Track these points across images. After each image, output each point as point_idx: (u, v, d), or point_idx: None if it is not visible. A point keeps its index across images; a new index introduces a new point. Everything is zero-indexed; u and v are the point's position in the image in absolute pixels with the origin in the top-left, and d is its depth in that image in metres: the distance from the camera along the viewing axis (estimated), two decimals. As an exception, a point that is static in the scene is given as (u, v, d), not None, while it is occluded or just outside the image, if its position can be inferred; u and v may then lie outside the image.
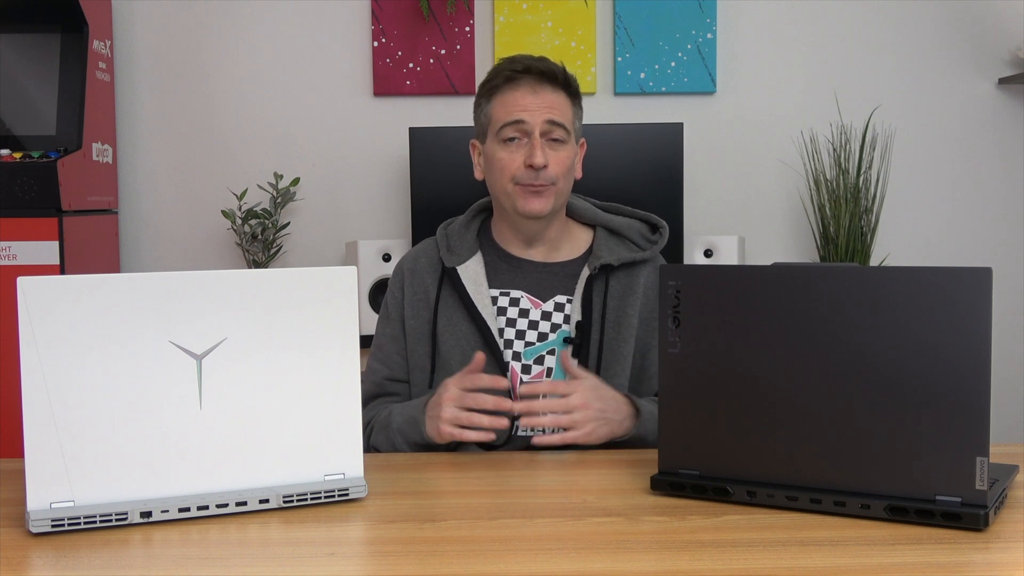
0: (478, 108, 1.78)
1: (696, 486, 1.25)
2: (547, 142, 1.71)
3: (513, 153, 1.71)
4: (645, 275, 1.75)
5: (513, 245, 1.79)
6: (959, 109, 2.96)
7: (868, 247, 2.79)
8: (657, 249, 1.78)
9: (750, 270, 1.26)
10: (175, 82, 2.93)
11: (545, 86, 1.72)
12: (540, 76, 1.72)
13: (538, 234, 1.77)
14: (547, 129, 1.70)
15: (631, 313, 1.72)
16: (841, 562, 1.04)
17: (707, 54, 2.89)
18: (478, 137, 1.80)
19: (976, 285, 1.11)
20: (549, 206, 1.71)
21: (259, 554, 1.10)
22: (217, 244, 2.95)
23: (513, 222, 1.77)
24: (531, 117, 1.70)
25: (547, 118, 1.70)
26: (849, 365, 1.17)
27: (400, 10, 2.87)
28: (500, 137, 1.72)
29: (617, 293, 1.73)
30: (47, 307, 1.14)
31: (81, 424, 1.16)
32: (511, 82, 1.72)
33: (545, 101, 1.71)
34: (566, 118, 1.73)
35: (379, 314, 1.83)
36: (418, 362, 1.75)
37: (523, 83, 1.72)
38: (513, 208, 1.72)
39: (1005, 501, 1.22)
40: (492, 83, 1.75)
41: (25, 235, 2.42)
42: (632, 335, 1.71)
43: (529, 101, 1.71)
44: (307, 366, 1.25)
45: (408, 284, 1.78)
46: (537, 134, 1.69)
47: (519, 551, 1.09)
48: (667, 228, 1.80)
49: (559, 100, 1.73)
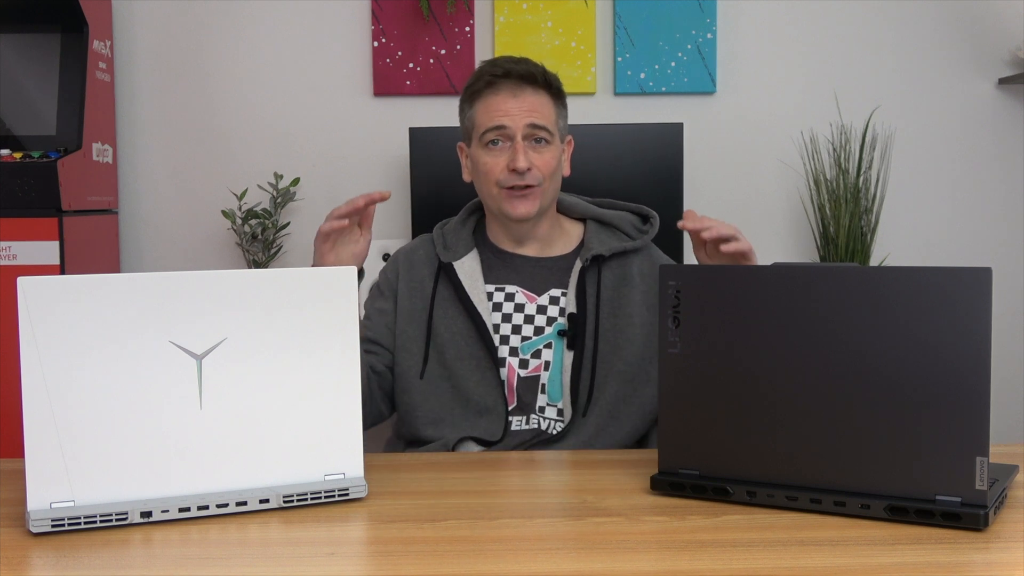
0: (462, 112, 1.80)
1: (696, 486, 1.25)
2: (530, 144, 1.72)
3: (496, 157, 1.73)
4: (639, 264, 1.77)
5: (506, 243, 1.81)
6: (959, 109, 2.96)
7: (868, 247, 2.79)
8: (648, 238, 1.80)
9: (750, 270, 1.27)
10: (175, 82, 2.93)
11: (525, 88, 1.73)
12: (520, 79, 1.73)
13: (528, 233, 1.79)
14: (529, 132, 1.72)
15: (629, 302, 1.73)
16: (841, 562, 1.04)
17: (707, 54, 2.89)
18: (464, 140, 1.81)
19: (976, 285, 1.11)
20: (535, 208, 1.73)
21: (259, 554, 1.11)
22: (217, 244, 2.95)
23: (503, 223, 1.79)
24: (512, 121, 1.71)
25: (528, 121, 1.72)
26: (849, 365, 1.17)
27: (400, 10, 2.87)
28: (483, 141, 1.74)
29: (611, 283, 1.75)
30: (47, 307, 1.14)
31: (81, 424, 1.16)
32: (491, 87, 1.74)
33: (526, 104, 1.72)
34: (548, 120, 1.74)
35: (369, 292, 1.85)
36: (406, 343, 1.75)
37: (503, 87, 1.73)
38: (501, 211, 1.74)
39: (1005, 501, 1.22)
40: (473, 87, 1.77)
41: (25, 235, 2.42)
42: (631, 323, 1.72)
43: (510, 105, 1.72)
44: (307, 366, 1.25)
45: (404, 270, 1.81)
46: (519, 138, 1.71)
47: (519, 551, 1.09)
48: (657, 218, 1.82)
49: (540, 102, 1.74)
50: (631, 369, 1.72)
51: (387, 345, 1.77)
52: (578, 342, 1.71)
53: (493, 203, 1.75)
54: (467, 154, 1.81)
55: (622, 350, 1.71)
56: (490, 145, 1.73)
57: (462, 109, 1.80)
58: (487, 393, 1.70)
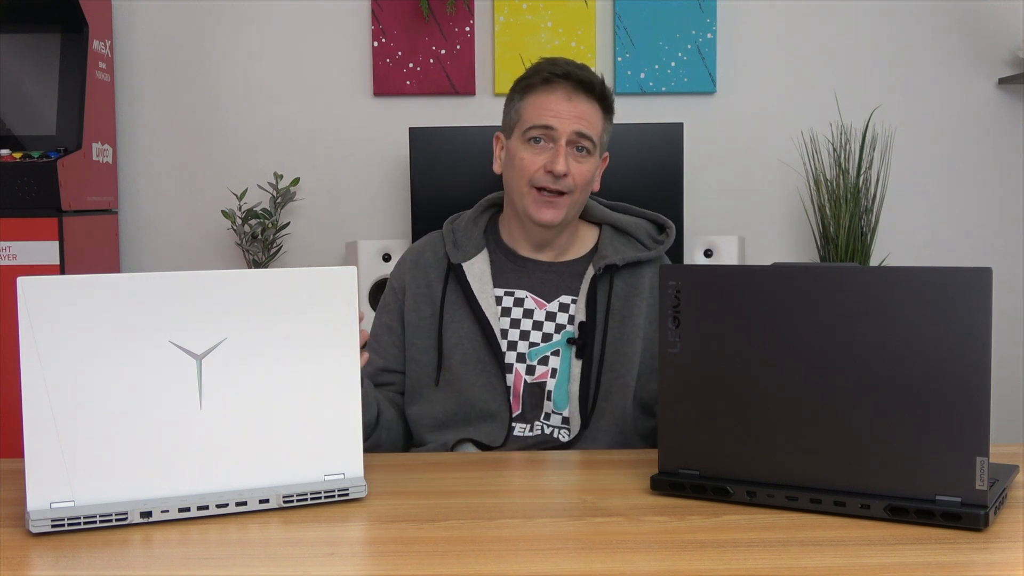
0: (510, 102, 1.76)
1: (696, 486, 1.25)
2: (571, 151, 1.69)
3: (536, 155, 1.70)
4: (651, 275, 1.74)
5: (521, 246, 1.78)
6: (959, 109, 2.96)
7: (868, 247, 2.79)
8: (663, 249, 1.77)
9: (750, 270, 1.27)
10: (175, 82, 2.93)
11: (580, 95, 1.70)
12: (578, 84, 1.70)
13: (548, 240, 1.76)
14: (574, 139, 1.69)
15: (637, 313, 1.71)
16: (841, 562, 1.04)
17: (707, 54, 2.89)
18: (504, 131, 1.78)
19: (976, 285, 1.11)
20: (561, 216, 1.70)
21: (259, 554, 1.10)
22: (217, 244, 2.95)
23: (523, 225, 1.76)
24: (561, 124, 1.68)
25: (576, 128, 1.68)
26: (849, 365, 1.17)
27: (400, 10, 2.87)
28: (526, 137, 1.70)
29: (622, 293, 1.72)
30: (47, 307, 1.14)
31: (81, 424, 1.16)
32: (548, 84, 1.70)
33: (577, 110, 1.69)
34: (595, 131, 1.71)
35: (378, 303, 1.83)
36: (417, 356, 1.74)
37: (559, 88, 1.70)
38: (525, 212, 1.71)
39: (1005, 501, 1.22)
40: (529, 81, 1.73)
41: (25, 235, 2.42)
42: (638, 335, 1.70)
43: (562, 108, 1.69)
44: (307, 366, 1.25)
45: (411, 278, 1.77)
46: (563, 142, 1.68)
47: (519, 551, 1.09)
48: (674, 228, 1.80)
49: (591, 111, 1.71)
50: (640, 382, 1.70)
51: (400, 368, 1.77)
52: (586, 352, 1.69)
53: (520, 201, 1.72)
54: (503, 145, 1.77)
55: (629, 362, 1.70)
56: (531, 142, 1.70)
57: (510, 99, 1.76)
58: (492, 398, 1.68)
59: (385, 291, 1.82)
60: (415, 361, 1.74)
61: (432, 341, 1.73)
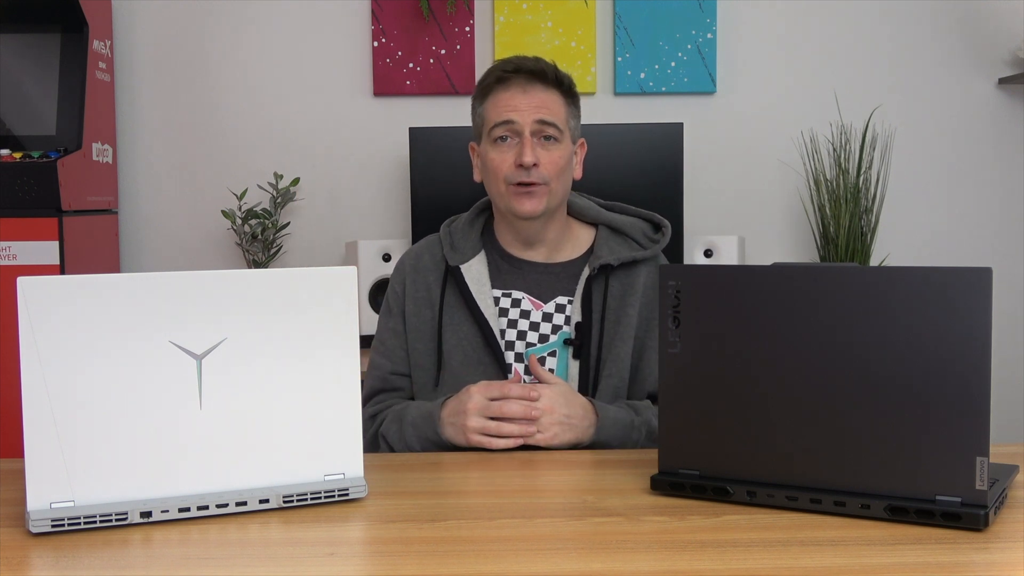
0: (473, 110, 1.79)
1: (696, 486, 1.25)
2: (539, 141, 1.71)
3: (504, 153, 1.71)
4: (645, 274, 1.75)
5: (514, 247, 1.79)
6: (959, 109, 2.96)
7: (868, 247, 2.79)
8: (659, 248, 1.77)
9: (750, 270, 1.26)
10: (175, 82, 2.93)
11: (535, 85, 1.72)
12: (530, 75, 1.72)
13: (536, 235, 1.77)
14: (537, 128, 1.70)
15: (631, 313, 1.72)
16: (841, 562, 1.04)
17: (707, 54, 2.89)
18: (475, 139, 1.80)
19: (976, 285, 1.11)
20: (542, 207, 1.71)
21: (259, 554, 1.10)
22: (217, 244, 2.95)
23: (511, 224, 1.77)
24: (520, 116, 1.70)
25: (537, 117, 1.70)
26: (849, 365, 1.17)
27: (400, 10, 2.87)
28: (492, 137, 1.72)
29: (617, 293, 1.73)
30: (47, 307, 1.14)
31: (81, 424, 1.16)
32: (502, 82, 1.73)
33: (535, 100, 1.71)
34: (558, 117, 1.72)
35: (381, 308, 1.83)
36: (419, 360, 1.75)
37: (513, 83, 1.72)
38: (508, 209, 1.73)
39: (1005, 501, 1.22)
40: (484, 84, 1.76)
41: (25, 235, 2.43)
42: (631, 335, 1.71)
43: (519, 101, 1.71)
44: (307, 366, 1.25)
45: (410, 281, 1.78)
46: (527, 133, 1.69)
47: (519, 551, 1.09)
48: (670, 227, 1.80)
49: (550, 99, 1.73)
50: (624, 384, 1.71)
51: (408, 371, 1.77)
52: (582, 352, 1.70)
53: (501, 201, 1.74)
54: (478, 153, 1.80)
55: (623, 361, 1.70)
56: (499, 141, 1.72)
57: (473, 107, 1.79)
58: None
59: (386, 295, 1.82)
60: (419, 366, 1.75)
61: (432, 344, 1.74)
